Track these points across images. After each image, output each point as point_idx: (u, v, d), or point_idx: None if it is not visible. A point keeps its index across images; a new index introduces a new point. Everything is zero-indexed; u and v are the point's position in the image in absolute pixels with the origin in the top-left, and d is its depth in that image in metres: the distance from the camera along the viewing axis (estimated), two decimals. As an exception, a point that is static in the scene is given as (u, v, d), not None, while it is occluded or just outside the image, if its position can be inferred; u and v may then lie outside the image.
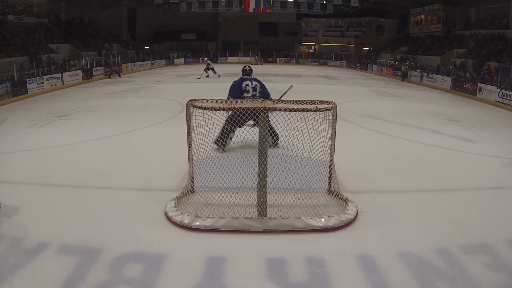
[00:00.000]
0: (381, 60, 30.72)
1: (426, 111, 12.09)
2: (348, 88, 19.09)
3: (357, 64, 33.71)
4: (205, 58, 26.40)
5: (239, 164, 4.54)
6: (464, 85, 17.48)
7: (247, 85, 6.47)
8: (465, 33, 25.20)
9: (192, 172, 4.73)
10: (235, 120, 4.80)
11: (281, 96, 6.88)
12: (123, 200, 4.75)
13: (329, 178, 4.78)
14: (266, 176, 4.08)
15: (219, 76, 21.48)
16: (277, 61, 39.99)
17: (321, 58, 39.41)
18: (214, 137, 5.68)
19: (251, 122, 5.60)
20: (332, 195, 4.71)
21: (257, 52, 40.19)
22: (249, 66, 6.88)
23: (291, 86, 7.26)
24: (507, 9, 21.81)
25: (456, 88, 18.11)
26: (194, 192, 4.77)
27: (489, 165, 6.57)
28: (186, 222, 4.03)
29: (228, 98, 6.57)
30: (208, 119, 4.30)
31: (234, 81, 6.84)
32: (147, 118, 9.87)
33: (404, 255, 3.59)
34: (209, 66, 21.78)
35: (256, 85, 6.52)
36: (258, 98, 6.16)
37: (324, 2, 33.90)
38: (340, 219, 4.12)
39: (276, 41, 44.95)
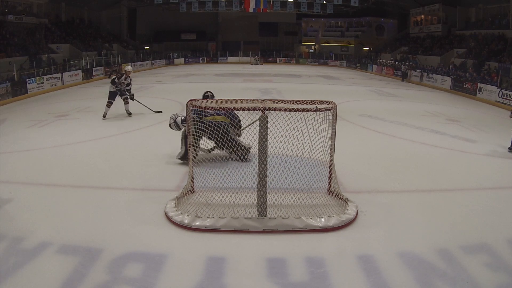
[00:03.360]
0: (381, 60, 30.71)
1: (426, 111, 12.09)
2: (348, 88, 19.09)
3: (357, 64, 33.70)
4: (128, 67, 10.54)
5: (239, 164, 4.54)
6: (464, 85, 17.48)
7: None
8: (465, 33, 25.18)
9: (192, 172, 4.73)
10: (194, 135, 4.88)
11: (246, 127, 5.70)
12: (123, 200, 4.75)
13: (329, 178, 4.79)
14: (266, 176, 4.08)
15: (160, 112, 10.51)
16: (277, 61, 39.97)
17: (321, 58, 39.37)
18: (180, 154, 6.06)
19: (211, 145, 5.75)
20: (332, 195, 4.72)
21: (257, 52, 40.14)
22: (210, 92, 6.82)
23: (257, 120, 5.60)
24: (507, 9, 21.79)
25: (456, 88, 18.11)
26: (194, 192, 4.77)
27: (489, 165, 6.57)
28: (186, 222, 4.03)
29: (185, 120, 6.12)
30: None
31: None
32: (147, 118, 9.87)
33: (404, 255, 3.59)
34: (120, 87, 9.72)
35: None
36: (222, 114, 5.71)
37: (324, 2, 33.87)
38: (340, 219, 4.12)
39: (276, 41, 44.92)
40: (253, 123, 5.25)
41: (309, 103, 4.23)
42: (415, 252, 3.64)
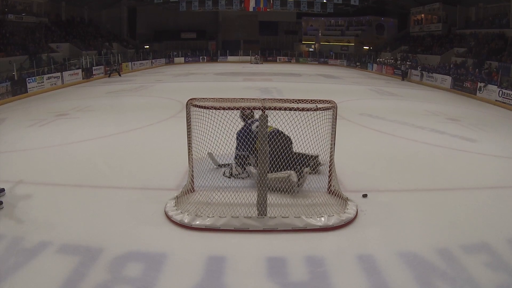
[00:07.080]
0: (381, 59, 30.68)
1: (426, 110, 12.08)
2: (348, 87, 19.07)
3: (357, 63, 33.66)
4: None
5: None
6: (464, 84, 17.47)
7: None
8: (465, 32, 25.16)
9: (192, 171, 4.73)
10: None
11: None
12: (123, 200, 4.74)
13: (329, 177, 4.79)
14: (266, 175, 4.07)
15: None
16: (277, 60, 39.94)
17: (321, 57, 39.33)
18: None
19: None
20: (332, 194, 4.71)
21: (257, 51, 40.10)
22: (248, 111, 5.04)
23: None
24: (507, 8, 21.76)
25: (456, 87, 18.10)
26: (194, 191, 4.77)
27: (489, 164, 6.57)
28: (186, 221, 4.03)
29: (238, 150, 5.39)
30: (208, 118, 4.29)
31: (238, 132, 5.10)
32: (147, 117, 9.86)
33: (404, 255, 3.58)
34: None
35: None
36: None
37: (324, 1, 33.85)
38: (340, 218, 4.12)
39: (276, 40, 44.87)
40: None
41: (309, 102, 4.22)
42: (415, 251, 3.64)
